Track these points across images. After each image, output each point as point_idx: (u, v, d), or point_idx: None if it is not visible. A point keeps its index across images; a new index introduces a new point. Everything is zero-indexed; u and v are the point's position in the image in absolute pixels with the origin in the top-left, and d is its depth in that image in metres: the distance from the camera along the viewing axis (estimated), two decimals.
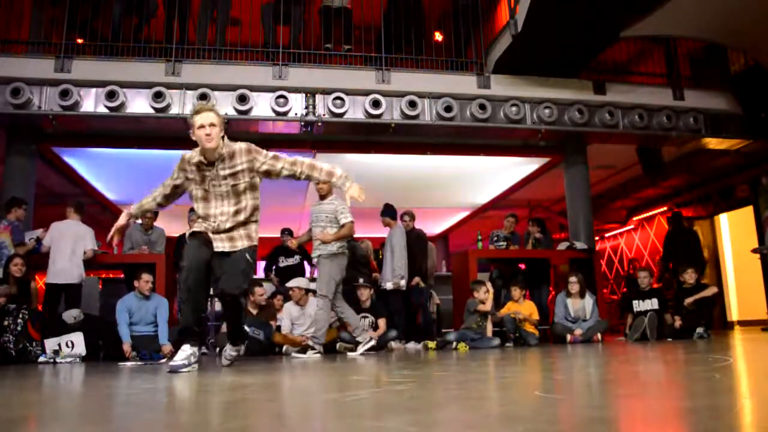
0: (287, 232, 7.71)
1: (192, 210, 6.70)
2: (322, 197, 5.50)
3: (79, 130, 6.82)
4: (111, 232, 3.74)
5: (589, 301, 6.44)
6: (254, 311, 5.92)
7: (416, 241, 6.81)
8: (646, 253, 11.60)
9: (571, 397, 2.01)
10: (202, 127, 3.42)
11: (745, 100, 7.60)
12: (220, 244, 3.55)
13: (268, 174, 3.60)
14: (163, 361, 4.98)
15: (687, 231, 8.64)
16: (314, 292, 5.81)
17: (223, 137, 3.51)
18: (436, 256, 8.07)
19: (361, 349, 5.35)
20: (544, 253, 7.41)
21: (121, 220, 3.75)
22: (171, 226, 10.56)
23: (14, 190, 6.36)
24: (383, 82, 6.85)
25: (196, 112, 3.48)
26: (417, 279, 6.63)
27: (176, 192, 3.75)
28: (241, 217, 3.57)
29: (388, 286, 6.39)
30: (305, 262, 7.56)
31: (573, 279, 6.46)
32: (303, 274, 7.26)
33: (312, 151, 7.78)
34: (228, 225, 3.55)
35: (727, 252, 10.29)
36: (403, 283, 6.38)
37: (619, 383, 2.47)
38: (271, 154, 3.61)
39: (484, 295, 6.13)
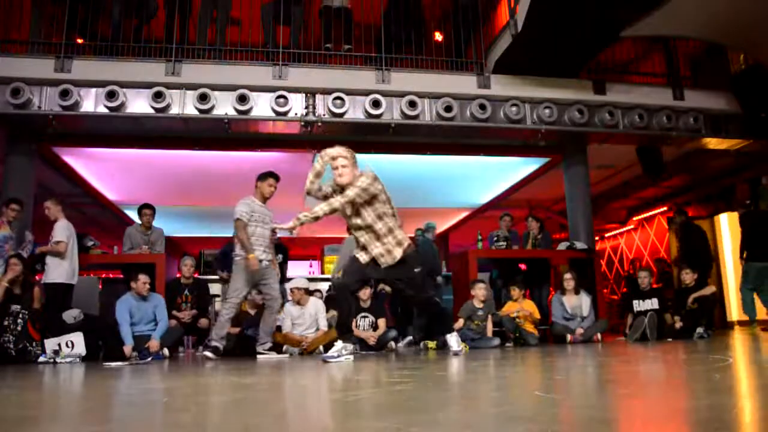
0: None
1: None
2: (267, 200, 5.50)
3: (79, 130, 6.81)
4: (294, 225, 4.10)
5: (585, 298, 6.46)
6: (252, 311, 5.91)
7: None
8: (646, 253, 11.61)
9: (571, 397, 2.01)
10: None
11: (745, 100, 7.60)
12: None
13: None
14: (149, 360, 4.97)
15: (697, 229, 8.63)
16: (310, 291, 5.93)
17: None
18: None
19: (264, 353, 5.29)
20: (544, 253, 7.42)
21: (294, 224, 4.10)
22: (170, 226, 10.57)
23: (14, 190, 6.36)
24: (383, 82, 6.85)
25: None
26: None
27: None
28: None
29: None
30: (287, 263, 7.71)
31: (568, 276, 6.51)
32: (282, 274, 7.31)
33: (312, 151, 7.78)
34: None
35: (727, 252, 10.28)
36: None
37: (619, 383, 2.47)
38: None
39: (484, 293, 6.14)
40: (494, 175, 9.44)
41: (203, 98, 6.37)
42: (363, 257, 4.17)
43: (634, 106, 7.28)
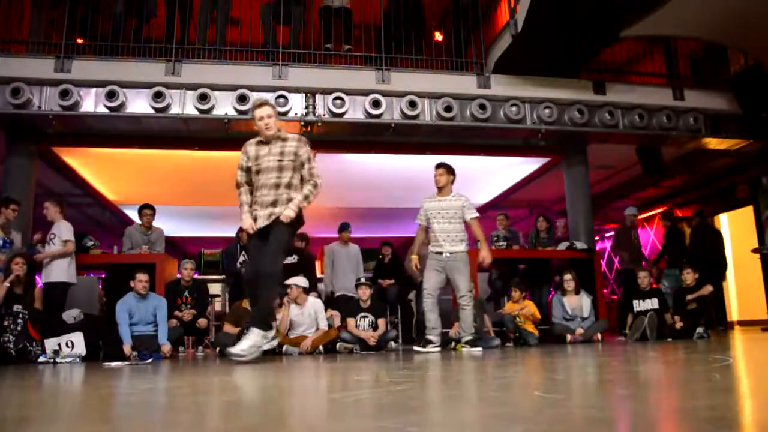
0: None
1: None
2: (442, 190, 5.61)
3: (79, 130, 6.81)
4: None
5: (586, 299, 6.45)
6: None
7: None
8: (645, 253, 11.59)
9: (571, 397, 2.01)
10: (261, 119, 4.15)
11: (745, 100, 7.60)
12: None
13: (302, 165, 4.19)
14: (149, 361, 4.98)
15: (714, 231, 8.68)
16: (307, 290, 5.92)
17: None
18: None
19: (473, 348, 5.36)
20: (544, 253, 7.41)
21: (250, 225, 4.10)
22: (170, 226, 10.55)
23: (14, 190, 6.35)
24: (383, 82, 6.85)
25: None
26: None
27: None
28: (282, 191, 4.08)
29: None
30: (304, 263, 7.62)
31: (568, 277, 6.49)
32: (299, 274, 7.27)
33: (312, 151, 7.77)
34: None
35: (727, 252, 10.28)
36: None
37: (619, 383, 2.47)
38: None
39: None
40: (494, 175, 9.44)
41: (203, 98, 6.37)
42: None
43: (634, 106, 7.28)
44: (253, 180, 4.22)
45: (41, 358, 4.98)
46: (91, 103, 6.33)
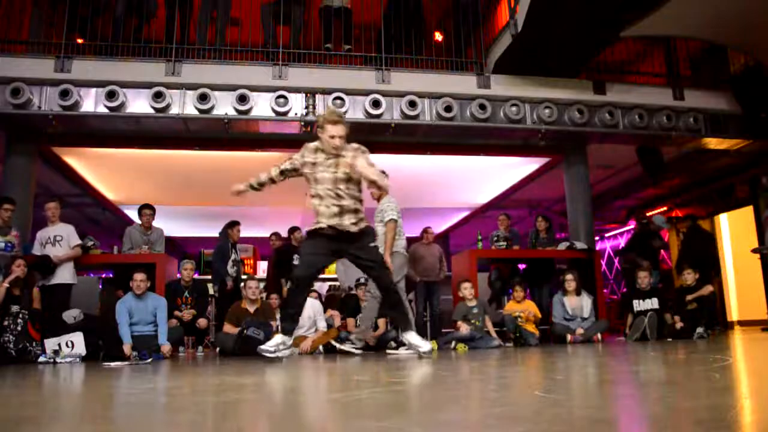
0: (297, 230, 7.69)
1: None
2: (378, 200, 5.68)
3: (79, 130, 6.81)
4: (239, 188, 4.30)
5: (587, 299, 6.45)
6: (251, 309, 5.90)
7: None
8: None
9: (572, 397, 2.01)
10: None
11: (745, 100, 7.60)
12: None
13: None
14: (149, 361, 4.97)
15: (705, 235, 8.67)
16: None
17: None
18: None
19: (348, 346, 5.41)
20: (544, 252, 7.41)
21: (241, 186, 4.30)
22: (170, 226, 10.55)
23: (14, 190, 6.36)
24: (383, 82, 6.85)
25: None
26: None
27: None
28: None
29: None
30: None
31: (569, 277, 6.49)
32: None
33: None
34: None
35: (727, 252, 10.29)
36: None
37: (619, 383, 2.47)
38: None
39: (470, 291, 6.15)
40: (494, 175, 9.44)
41: (203, 98, 6.37)
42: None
43: (634, 106, 7.28)
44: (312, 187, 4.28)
45: (41, 358, 4.97)
46: (91, 103, 6.32)
